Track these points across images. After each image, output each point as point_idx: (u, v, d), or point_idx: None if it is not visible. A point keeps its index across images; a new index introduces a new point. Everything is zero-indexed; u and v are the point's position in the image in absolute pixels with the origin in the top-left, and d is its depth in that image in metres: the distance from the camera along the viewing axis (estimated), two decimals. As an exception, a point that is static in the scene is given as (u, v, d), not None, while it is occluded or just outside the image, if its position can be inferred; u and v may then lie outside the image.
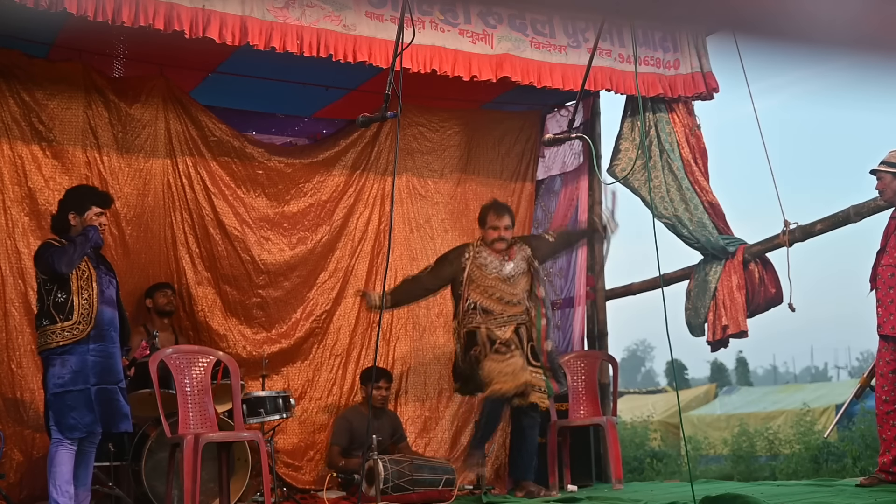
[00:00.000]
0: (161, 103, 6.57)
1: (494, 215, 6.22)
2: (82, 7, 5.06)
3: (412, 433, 7.06)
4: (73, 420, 4.88)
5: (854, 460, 12.24)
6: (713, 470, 15.26)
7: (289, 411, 6.18)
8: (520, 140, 7.76)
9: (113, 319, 5.11)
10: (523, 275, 6.18)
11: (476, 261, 6.15)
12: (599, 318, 7.53)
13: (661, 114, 7.10)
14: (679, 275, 7.26)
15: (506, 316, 6.09)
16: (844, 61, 2.04)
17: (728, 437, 17.58)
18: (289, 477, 6.69)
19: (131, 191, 6.50)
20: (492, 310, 6.09)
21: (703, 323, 7.00)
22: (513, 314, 6.11)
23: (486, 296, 6.11)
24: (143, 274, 6.52)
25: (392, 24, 5.79)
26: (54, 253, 4.94)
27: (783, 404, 19.05)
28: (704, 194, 7.02)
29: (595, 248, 7.52)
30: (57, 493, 4.86)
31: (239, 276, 6.83)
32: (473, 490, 6.57)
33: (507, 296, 6.11)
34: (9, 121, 6.09)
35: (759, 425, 17.69)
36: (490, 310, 6.09)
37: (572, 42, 6.57)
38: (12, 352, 6.00)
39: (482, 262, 6.14)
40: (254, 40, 5.54)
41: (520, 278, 6.17)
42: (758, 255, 6.88)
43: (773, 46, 2.09)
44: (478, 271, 6.13)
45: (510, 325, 6.07)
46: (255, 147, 6.97)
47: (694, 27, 6.78)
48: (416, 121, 7.35)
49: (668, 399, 21.60)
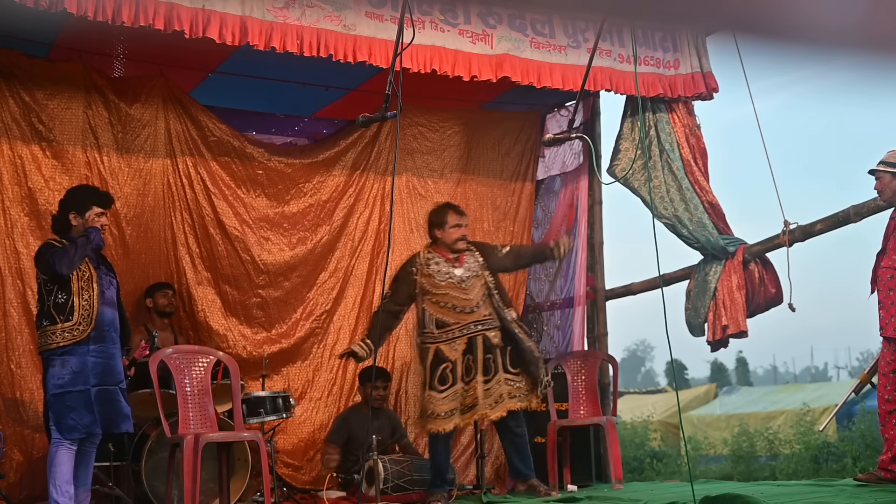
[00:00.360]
0: (161, 103, 6.57)
1: (455, 214, 5.93)
2: (82, 7, 5.06)
3: (412, 433, 7.06)
4: (73, 421, 4.88)
5: (854, 460, 12.24)
6: (713, 470, 15.26)
7: (289, 411, 6.18)
8: (520, 140, 7.77)
9: (113, 320, 5.11)
10: (477, 278, 5.86)
11: (425, 270, 5.85)
12: (599, 318, 7.53)
13: (661, 114, 7.09)
14: (679, 275, 7.26)
15: (458, 329, 5.77)
16: (845, 61, 2.04)
17: (728, 437, 17.58)
18: (289, 477, 6.69)
19: (131, 191, 6.50)
20: (446, 321, 5.78)
21: (703, 323, 7.00)
22: (467, 323, 5.79)
23: (440, 306, 5.81)
24: (143, 274, 6.52)
25: (392, 24, 5.78)
26: (55, 254, 4.94)
27: (783, 404, 19.04)
28: (704, 194, 7.02)
29: (595, 248, 7.53)
30: (57, 494, 4.86)
31: (239, 276, 6.83)
32: (473, 490, 6.57)
33: (461, 303, 5.79)
34: (9, 121, 6.09)
35: (759, 425, 17.69)
36: (444, 322, 5.79)
37: (572, 42, 6.57)
38: (11, 352, 6.01)
39: (431, 271, 5.84)
40: (254, 40, 5.54)
41: (473, 282, 5.84)
42: (758, 255, 6.88)
43: (773, 46, 2.08)
44: (428, 281, 5.83)
45: (462, 339, 5.76)
46: (255, 147, 6.97)
47: (694, 27, 6.78)
48: (416, 121, 7.36)
49: (668, 399, 21.59)
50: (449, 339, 5.78)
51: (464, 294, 5.81)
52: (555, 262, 7.24)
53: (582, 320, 7.41)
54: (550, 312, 7.79)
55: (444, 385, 5.72)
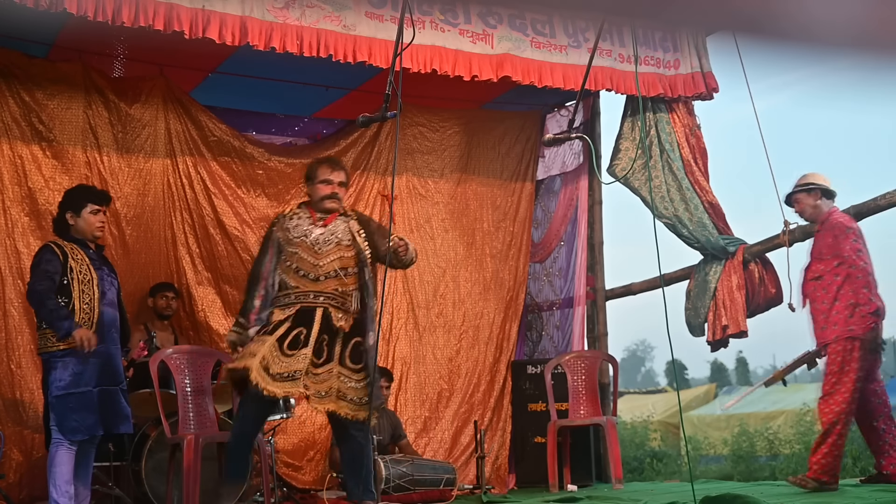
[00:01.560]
0: (161, 103, 6.57)
1: (328, 169, 5.12)
2: (82, 7, 5.06)
3: (412, 433, 7.06)
4: (76, 422, 4.88)
5: (854, 460, 12.24)
6: (713, 470, 15.27)
7: (289, 411, 6.17)
8: (520, 140, 7.77)
9: (114, 321, 5.11)
10: (336, 247, 4.97)
11: (283, 224, 5.05)
12: (599, 318, 7.54)
13: (661, 114, 7.10)
14: (679, 275, 7.26)
15: (294, 295, 4.92)
16: (845, 62, 2.04)
17: (728, 437, 17.58)
18: (289, 477, 6.69)
19: (131, 191, 6.50)
20: (286, 283, 4.95)
21: (703, 323, 7.00)
22: (307, 291, 4.91)
23: (285, 266, 4.98)
24: (143, 274, 6.52)
25: (392, 24, 5.78)
26: (40, 275, 4.93)
27: (783, 404, 19.03)
28: (704, 194, 7.02)
29: (595, 248, 7.53)
30: (57, 494, 4.85)
31: (239, 276, 6.81)
32: (473, 490, 6.58)
33: (307, 267, 4.92)
34: (9, 121, 6.09)
35: (759, 425, 17.69)
36: (285, 284, 4.96)
37: (572, 42, 6.57)
38: (11, 352, 6.00)
39: (289, 226, 5.03)
40: (254, 40, 5.54)
41: (330, 250, 4.97)
42: (758, 255, 6.88)
43: (773, 47, 2.08)
44: (283, 235, 5.01)
45: (294, 306, 4.89)
46: (255, 147, 6.97)
47: (694, 27, 6.78)
48: (416, 121, 7.36)
49: (668, 399, 21.59)
50: (282, 305, 4.94)
51: (314, 258, 4.95)
52: None
53: (582, 320, 7.42)
54: (550, 312, 7.79)
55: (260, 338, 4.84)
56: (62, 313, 4.85)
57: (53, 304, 4.87)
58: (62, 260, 4.97)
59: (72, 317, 4.86)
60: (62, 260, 4.97)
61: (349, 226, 5.06)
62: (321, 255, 4.95)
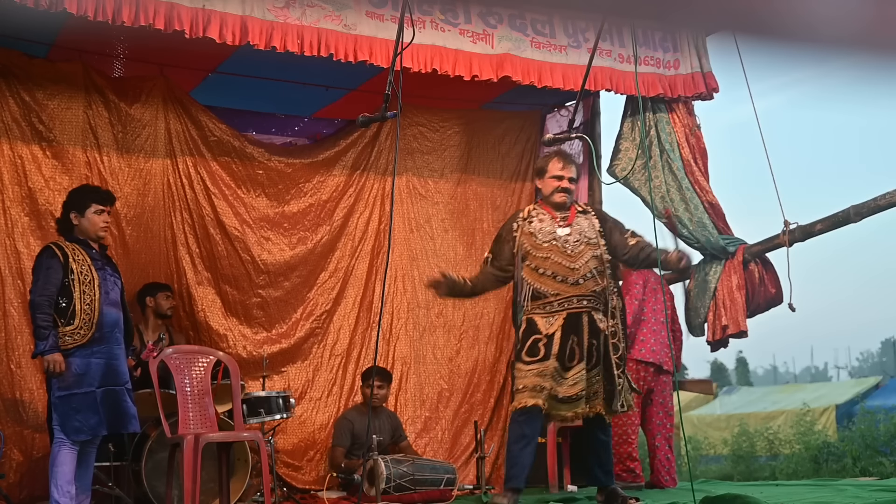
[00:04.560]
0: (161, 103, 6.57)
1: (559, 162, 5.13)
2: (82, 7, 5.06)
3: (412, 433, 7.06)
4: (79, 423, 4.88)
5: (854, 460, 12.25)
6: (713, 470, 15.28)
7: (289, 411, 6.18)
8: (520, 140, 7.77)
9: (118, 321, 5.12)
10: (587, 246, 4.94)
11: (525, 228, 5.00)
12: (599, 318, 7.53)
13: (661, 114, 7.10)
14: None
15: (558, 302, 4.88)
16: (845, 62, 2.04)
17: (728, 437, 17.60)
18: (289, 477, 6.69)
19: (131, 191, 6.50)
20: (543, 292, 4.89)
21: (702, 323, 7.00)
22: (570, 296, 4.88)
23: (538, 274, 4.92)
24: (143, 274, 6.51)
25: (392, 23, 5.78)
26: (40, 287, 4.93)
27: (783, 404, 19.06)
28: (704, 194, 7.02)
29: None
30: (58, 494, 4.86)
31: (239, 276, 6.83)
32: (473, 490, 6.57)
33: (564, 271, 4.87)
34: (9, 121, 6.09)
35: (759, 425, 17.71)
36: (542, 293, 4.89)
37: (572, 42, 6.57)
38: (11, 352, 6.00)
39: (533, 229, 4.98)
40: (254, 40, 5.54)
41: (582, 250, 4.93)
42: (758, 255, 6.88)
43: (774, 47, 2.08)
44: (528, 241, 4.97)
45: (561, 314, 4.86)
46: (255, 147, 6.97)
47: (694, 27, 6.78)
48: (416, 121, 7.36)
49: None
50: (545, 313, 4.90)
51: (568, 260, 4.92)
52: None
53: (582, 320, 7.40)
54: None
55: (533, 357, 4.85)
56: (43, 333, 4.87)
57: (41, 320, 4.89)
58: (63, 261, 4.97)
59: (51, 338, 4.86)
60: (63, 261, 4.97)
61: (592, 222, 5.09)
62: (575, 257, 4.95)
